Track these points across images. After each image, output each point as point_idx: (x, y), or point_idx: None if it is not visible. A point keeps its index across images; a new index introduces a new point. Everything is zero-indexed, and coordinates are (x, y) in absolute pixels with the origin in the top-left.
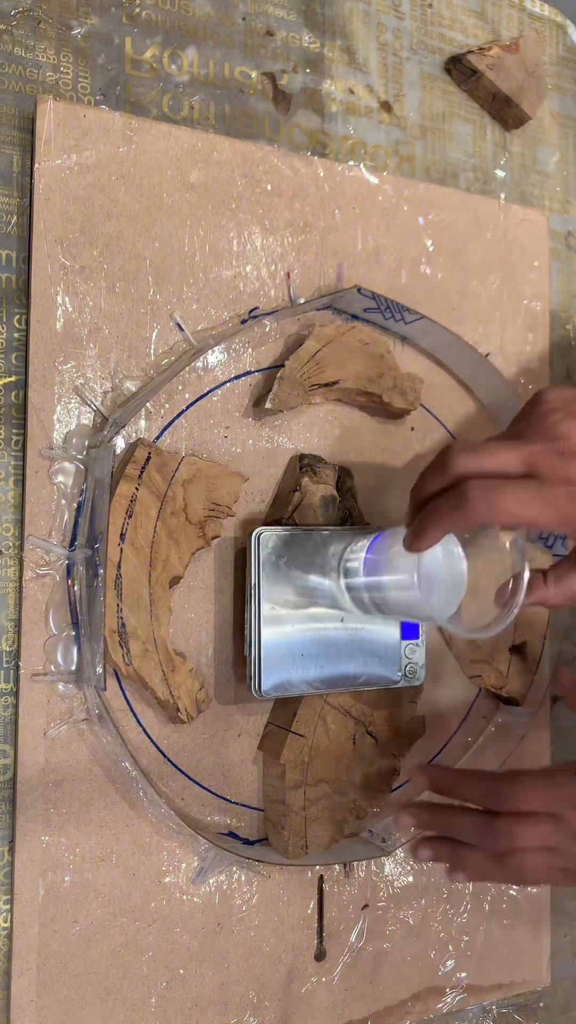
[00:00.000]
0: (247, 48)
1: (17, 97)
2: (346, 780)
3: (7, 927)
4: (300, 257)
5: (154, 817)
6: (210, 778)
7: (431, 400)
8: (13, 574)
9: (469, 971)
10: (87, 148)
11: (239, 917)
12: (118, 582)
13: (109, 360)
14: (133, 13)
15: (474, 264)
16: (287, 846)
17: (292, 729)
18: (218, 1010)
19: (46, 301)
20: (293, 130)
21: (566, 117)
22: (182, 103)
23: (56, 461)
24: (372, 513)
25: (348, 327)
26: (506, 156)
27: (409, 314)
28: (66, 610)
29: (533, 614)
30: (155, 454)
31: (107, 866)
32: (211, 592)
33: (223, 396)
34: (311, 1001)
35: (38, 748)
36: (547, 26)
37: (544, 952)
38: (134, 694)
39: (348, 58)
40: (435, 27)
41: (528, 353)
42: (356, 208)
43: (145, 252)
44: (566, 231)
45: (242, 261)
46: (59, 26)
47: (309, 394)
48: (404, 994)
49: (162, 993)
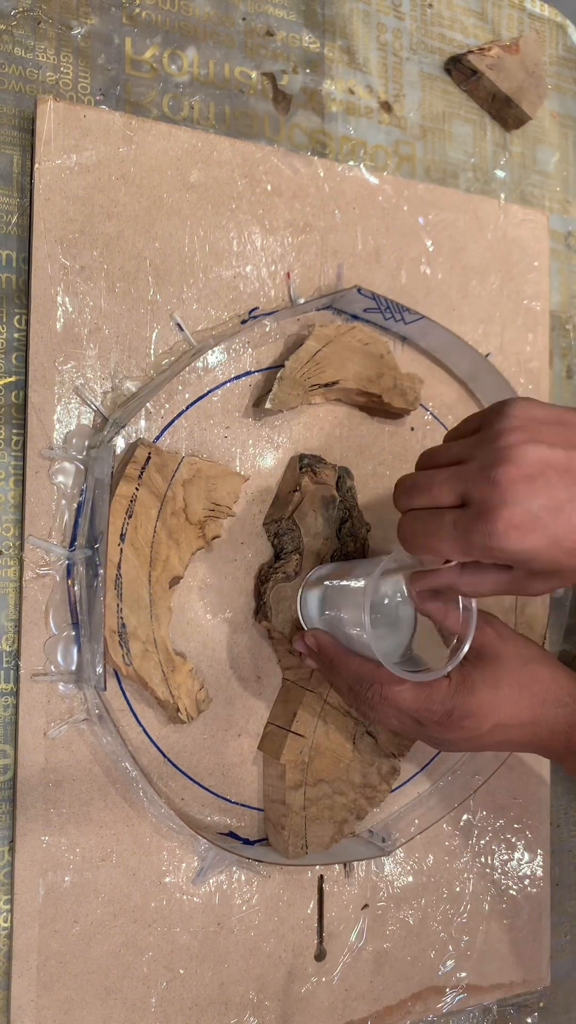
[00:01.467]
0: (247, 48)
1: (17, 97)
2: (346, 780)
3: (7, 927)
4: (300, 257)
5: (154, 817)
6: (210, 778)
7: (431, 400)
8: (13, 574)
9: (469, 971)
10: (87, 148)
11: (239, 917)
12: (118, 582)
13: (109, 360)
14: (133, 13)
15: (474, 264)
16: (287, 846)
17: (292, 729)
18: (218, 1010)
19: (46, 301)
20: (293, 130)
21: (566, 117)
22: (182, 103)
23: (56, 461)
24: (372, 513)
25: (348, 327)
26: (506, 156)
27: (409, 314)
28: (66, 610)
29: (532, 615)
30: (155, 454)
31: (107, 866)
32: (211, 592)
33: (223, 396)
34: (311, 1001)
35: (38, 748)
36: (547, 26)
37: (544, 952)
38: (134, 694)
39: (348, 58)
40: (435, 27)
41: (528, 353)
42: (356, 208)
43: (145, 252)
44: (566, 231)
45: (242, 261)
46: (59, 26)
47: (309, 394)
48: (404, 994)
49: (162, 993)
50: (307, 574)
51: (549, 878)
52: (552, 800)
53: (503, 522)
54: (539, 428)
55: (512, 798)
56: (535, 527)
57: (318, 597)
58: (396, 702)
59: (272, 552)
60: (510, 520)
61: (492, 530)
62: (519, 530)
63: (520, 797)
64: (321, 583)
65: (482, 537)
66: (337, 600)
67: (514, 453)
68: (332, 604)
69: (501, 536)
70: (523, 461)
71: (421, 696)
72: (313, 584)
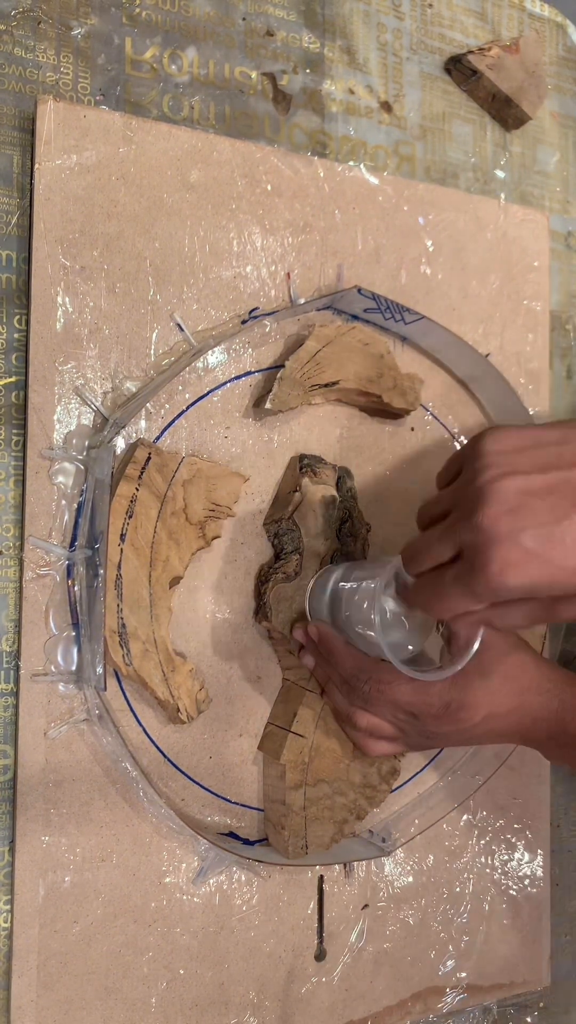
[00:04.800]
0: (247, 48)
1: (17, 97)
2: (346, 780)
3: (7, 927)
4: (300, 257)
5: (154, 817)
6: (210, 778)
7: (431, 400)
8: (13, 574)
9: (469, 971)
10: (87, 148)
11: (239, 917)
12: (118, 582)
13: (109, 360)
14: (133, 13)
15: (474, 264)
16: (287, 846)
17: (292, 729)
18: (218, 1010)
19: (46, 301)
20: (293, 130)
21: (566, 117)
22: (182, 103)
23: (56, 461)
24: (372, 513)
25: (348, 327)
26: (506, 156)
27: (409, 314)
28: (66, 610)
29: None
30: (155, 454)
31: (107, 866)
32: (211, 592)
33: (223, 396)
34: (311, 1001)
35: (38, 748)
36: (547, 26)
37: (544, 952)
38: (134, 694)
39: (348, 58)
40: (435, 27)
41: (528, 353)
42: (356, 208)
43: (145, 252)
44: (566, 231)
45: (242, 261)
46: (59, 26)
47: (309, 394)
48: (404, 994)
49: (162, 993)
50: (315, 575)
51: (549, 878)
52: (552, 800)
53: (496, 564)
54: (512, 458)
55: (512, 798)
56: (530, 559)
57: (328, 597)
58: (394, 697)
59: (272, 552)
60: (504, 560)
61: (489, 574)
62: (515, 567)
63: (520, 797)
64: (331, 583)
65: (482, 584)
66: (347, 600)
67: (491, 491)
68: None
69: (498, 577)
70: (501, 497)
71: (420, 689)
72: (322, 584)
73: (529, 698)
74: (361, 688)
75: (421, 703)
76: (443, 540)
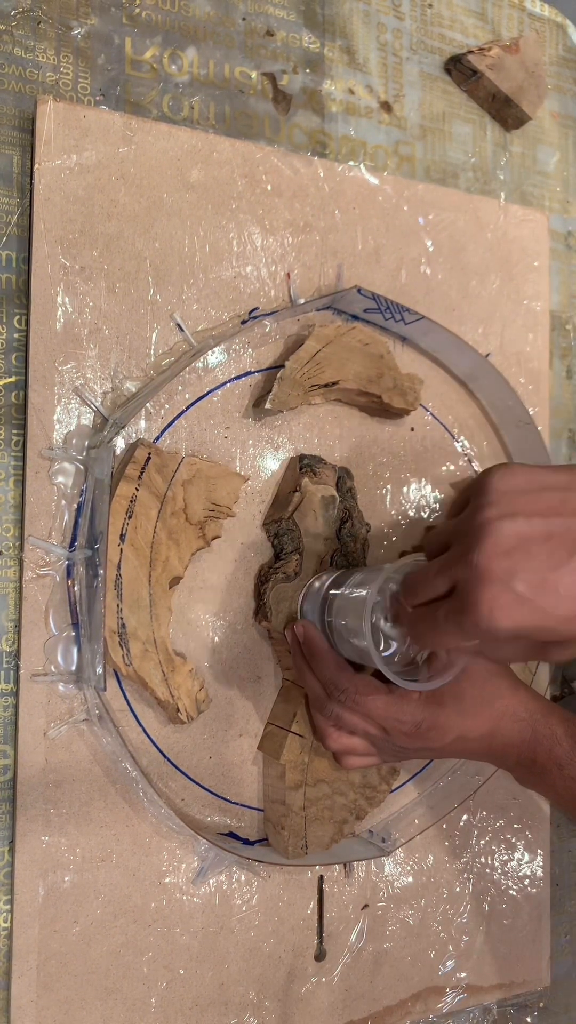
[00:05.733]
0: (247, 48)
1: (17, 97)
2: (346, 780)
3: (7, 927)
4: (300, 257)
5: (154, 817)
6: (210, 778)
7: (431, 400)
8: (13, 574)
9: (469, 971)
10: (87, 148)
11: (239, 917)
12: (118, 583)
13: (109, 360)
14: (133, 13)
15: (474, 264)
16: (287, 846)
17: (292, 729)
18: (218, 1010)
19: (46, 301)
20: (293, 130)
21: (566, 117)
22: (182, 103)
23: (56, 461)
24: (371, 514)
25: (348, 327)
26: (506, 156)
27: (409, 314)
28: (66, 610)
29: None
30: (155, 454)
31: (107, 866)
32: (211, 592)
33: (223, 396)
34: (311, 1001)
35: (38, 748)
36: (547, 26)
37: (544, 952)
38: (134, 694)
39: (348, 58)
40: (435, 27)
41: (528, 353)
42: (356, 208)
43: (145, 252)
44: (566, 231)
45: (242, 261)
46: (59, 26)
47: (309, 394)
48: (404, 994)
49: (162, 993)
50: (308, 581)
51: (549, 878)
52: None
53: (485, 604)
54: (515, 500)
55: (512, 798)
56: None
57: (319, 605)
58: (368, 709)
59: (272, 552)
60: (492, 601)
61: (478, 614)
62: (503, 609)
63: (520, 797)
64: (322, 591)
65: (471, 623)
66: (338, 609)
67: (488, 531)
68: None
69: (487, 618)
70: (499, 537)
71: (393, 706)
72: (314, 592)
73: (502, 724)
74: (336, 696)
75: (393, 719)
76: (440, 574)
